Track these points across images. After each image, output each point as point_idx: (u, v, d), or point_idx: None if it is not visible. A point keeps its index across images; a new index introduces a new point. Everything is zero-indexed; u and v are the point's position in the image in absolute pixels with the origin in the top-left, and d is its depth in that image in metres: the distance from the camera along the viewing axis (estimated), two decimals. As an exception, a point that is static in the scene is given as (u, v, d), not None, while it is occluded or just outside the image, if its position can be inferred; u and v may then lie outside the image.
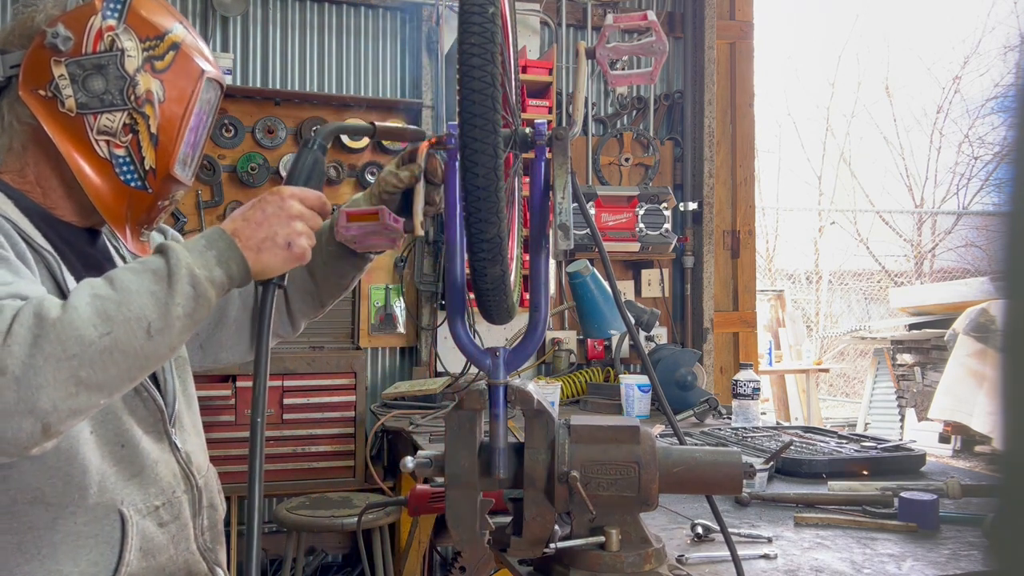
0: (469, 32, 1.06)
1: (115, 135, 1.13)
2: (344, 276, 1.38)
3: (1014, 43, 1.13)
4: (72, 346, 0.87)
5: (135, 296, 0.92)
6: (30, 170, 1.13)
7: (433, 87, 3.79)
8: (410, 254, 3.76)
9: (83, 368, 0.87)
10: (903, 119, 16.66)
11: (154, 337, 0.93)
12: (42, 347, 0.85)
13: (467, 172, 1.07)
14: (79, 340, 0.87)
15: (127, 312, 0.91)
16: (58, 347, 0.86)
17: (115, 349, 0.89)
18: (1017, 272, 0.36)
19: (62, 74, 1.10)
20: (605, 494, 1.14)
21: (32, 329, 0.86)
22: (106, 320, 0.89)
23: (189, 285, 0.96)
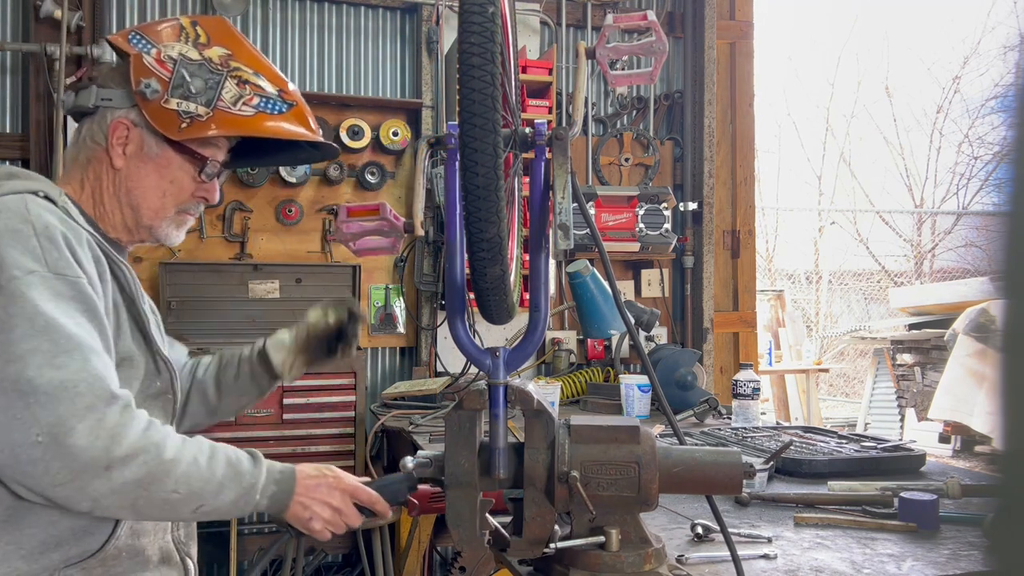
0: (469, 32, 1.06)
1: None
2: (244, 395, 1.54)
3: (1014, 43, 1.13)
4: (154, 486, 1.07)
5: (213, 481, 1.13)
6: (88, 183, 1.29)
7: (433, 87, 3.79)
8: (410, 254, 3.76)
9: (144, 502, 1.08)
10: (903, 119, 16.66)
11: (194, 514, 1.14)
12: (140, 472, 1.06)
13: (467, 172, 1.07)
14: (160, 485, 1.08)
15: (198, 488, 1.11)
16: (147, 479, 1.06)
17: (168, 504, 1.10)
18: (1017, 272, 0.36)
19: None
20: (605, 494, 1.14)
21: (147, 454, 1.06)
22: (186, 485, 1.10)
23: (244, 500, 1.17)
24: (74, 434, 1.01)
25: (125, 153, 1.28)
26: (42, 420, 1.00)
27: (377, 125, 3.70)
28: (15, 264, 1.06)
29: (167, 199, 1.32)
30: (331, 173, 3.64)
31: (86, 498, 1.04)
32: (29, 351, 1.02)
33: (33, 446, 1.00)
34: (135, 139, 1.28)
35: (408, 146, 3.73)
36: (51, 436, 1.00)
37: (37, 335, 1.03)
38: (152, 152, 1.29)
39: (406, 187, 3.81)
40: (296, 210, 3.63)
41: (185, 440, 1.14)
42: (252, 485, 1.16)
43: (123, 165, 1.28)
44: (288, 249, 3.65)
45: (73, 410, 1.02)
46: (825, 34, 23.25)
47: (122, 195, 1.30)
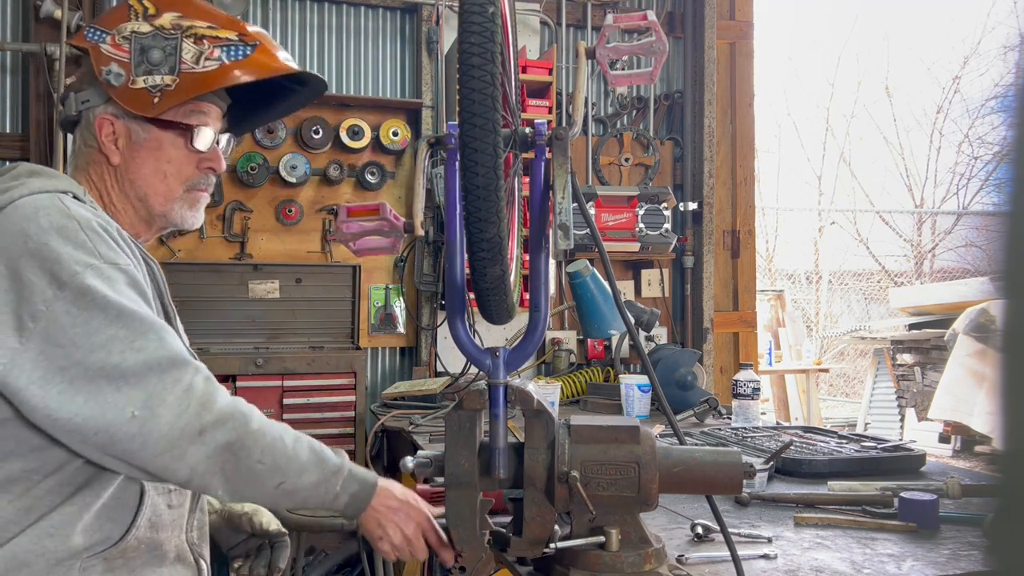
0: (469, 32, 1.06)
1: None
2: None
3: (1014, 43, 1.13)
4: (242, 452, 1.09)
5: (296, 461, 1.15)
6: (94, 187, 1.30)
7: (433, 87, 3.79)
8: (410, 254, 3.76)
9: (232, 469, 1.09)
10: (903, 119, 16.65)
11: (276, 491, 1.14)
12: (230, 437, 1.08)
13: (467, 172, 1.07)
14: (248, 452, 1.10)
15: (282, 464, 1.13)
16: (236, 444, 1.09)
17: (253, 475, 1.11)
18: (1017, 272, 0.36)
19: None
20: (605, 494, 1.14)
21: (235, 420, 1.09)
22: (271, 458, 1.12)
23: (325, 489, 1.18)
24: (167, 404, 1.05)
25: (118, 148, 1.28)
26: (135, 398, 1.04)
27: (377, 125, 3.70)
28: (73, 259, 1.08)
29: (171, 180, 1.31)
30: (331, 173, 3.64)
31: (184, 465, 1.06)
32: (110, 339, 1.06)
33: (129, 422, 1.04)
34: (122, 131, 1.28)
35: (408, 146, 3.73)
36: (147, 409, 1.04)
37: (112, 323, 1.06)
38: (140, 138, 1.29)
39: (406, 187, 3.81)
40: (296, 210, 3.63)
41: (271, 419, 1.17)
42: (335, 473, 1.18)
43: (120, 160, 1.29)
44: (288, 249, 3.65)
45: (162, 384, 1.06)
46: (825, 34, 23.25)
47: (128, 189, 1.30)
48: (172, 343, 1.10)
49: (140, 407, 1.04)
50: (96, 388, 1.04)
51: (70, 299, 1.06)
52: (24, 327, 1.04)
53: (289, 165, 3.59)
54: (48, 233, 1.09)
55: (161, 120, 1.28)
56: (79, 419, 1.05)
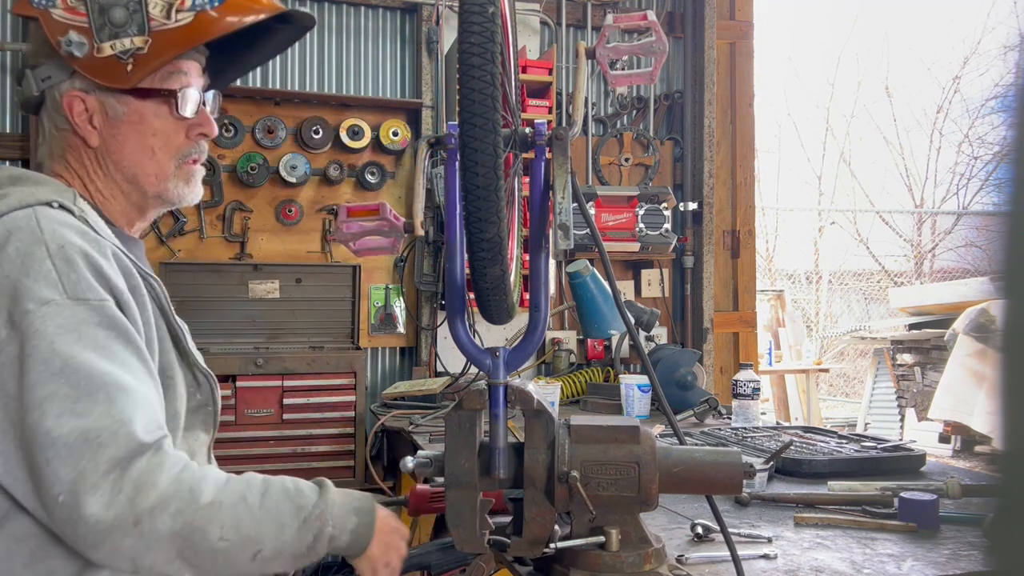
0: (469, 32, 1.06)
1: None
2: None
3: (1014, 43, 1.13)
4: (196, 535, 0.94)
5: (268, 521, 0.99)
6: (75, 175, 1.14)
7: (433, 87, 3.79)
8: (410, 254, 3.76)
9: (191, 553, 0.94)
10: (903, 119, 16.66)
11: (254, 562, 0.98)
12: (176, 523, 0.92)
13: (467, 172, 1.07)
14: (203, 534, 0.94)
15: (252, 532, 0.97)
16: (186, 530, 0.93)
17: (221, 554, 0.96)
18: (1017, 272, 0.36)
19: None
20: (605, 494, 1.14)
21: (179, 502, 0.93)
22: (234, 530, 0.96)
23: (313, 536, 1.02)
24: (95, 492, 0.89)
25: (95, 127, 1.13)
26: (63, 478, 0.89)
27: (377, 125, 3.70)
28: (30, 295, 0.93)
29: (160, 155, 1.16)
30: (331, 173, 3.64)
31: (124, 558, 0.92)
32: (46, 397, 0.90)
33: (58, 507, 0.90)
34: (95, 107, 1.13)
35: (408, 146, 3.73)
36: (71, 495, 0.89)
37: (54, 379, 0.91)
38: (118, 113, 1.13)
39: (406, 187, 3.81)
40: (296, 210, 3.63)
41: (230, 479, 1.00)
42: (319, 516, 1.02)
43: (99, 141, 1.13)
44: (288, 249, 3.65)
45: (94, 465, 0.89)
46: (825, 34, 23.25)
47: (114, 173, 1.15)
48: (123, 409, 0.92)
49: (67, 491, 0.89)
50: (30, 455, 0.90)
51: (17, 342, 0.92)
52: None
53: (289, 165, 3.59)
54: (14, 263, 0.95)
55: (138, 89, 1.12)
56: (17, 492, 0.94)
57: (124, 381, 0.94)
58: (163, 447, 0.95)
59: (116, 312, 0.99)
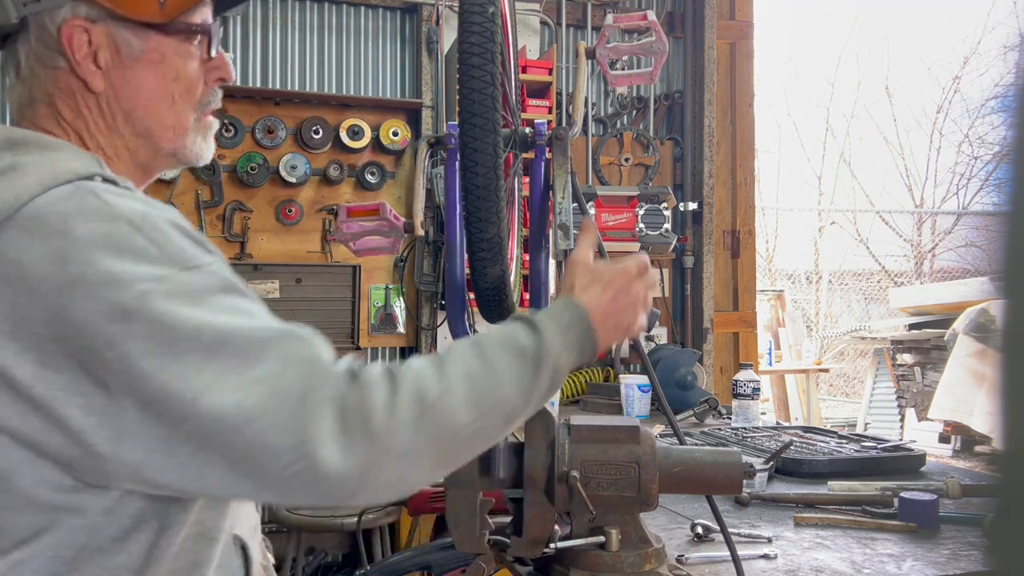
0: (469, 32, 1.06)
1: None
2: None
3: (1014, 43, 1.13)
4: (446, 432, 0.82)
5: (504, 381, 0.87)
6: (68, 127, 0.92)
7: (433, 87, 3.79)
8: (410, 254, 3.76)
9: (447, 453, 0.84)
10: (903, 119, 16.66)
11: (509, 423, 0.89)
12: (422, 429, 0.80)
13: (467, 172, 1.07)
14: (453, 427, 0.82)
15: (495, 400, 0.86)
16: (436, 431, 0.81)
17: (477, 438, 0.86)
18: (1017, 272, 0.36)
19: None
20: (605, 494, 1.14)
21: (413, 408, 0.80)
22: (477, 407, 0.84)
23: (550, 375, 0.91)
24: (326, 445, 0.74)
25: (99, 66, 0.90)
26: (283, 447, 0.74)
27: (377, 125, 3.70)
28: (134, 277, 0.75)
29: (180, 103, 0.96)
30: (331, 173, 3.64)
31: (389, 489, 0.80)
32: (216, 375, 0.74)
33: (290, 481, 0.75)
34: (102, 41, 0.90)
35: (408, 146, 3.73)
36: (302, 460, 0.74)
37: (212, 354, 0.75)
38: (135, 50, 0.92)
39: (406, 187, 3.81)
40: (296, 210, 3.63)
41: (439, 359, 0.86)
42: (548, 350, 0.90)
43: (103, 84, 0.91)
44: (288, 249, 3.65)
45: (308, 418, 0.75)
46: (825, 34, 23.26)
47: (121, 126, 0.94)
48: (296, 352, 0.78)
49: (294, 458, 0.74)
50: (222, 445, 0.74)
51: (144, 334, 0.73)
52: (106, 384, 0.73)
53: (289, 165, 3.59)
54: (93, 248, 0.75)
55: (160, 25, 0.92)
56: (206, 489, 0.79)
57: (284, 328, 0.81)
58: (354, 368, 0.81)
59: (227, 270, 0.85)
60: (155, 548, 0.82)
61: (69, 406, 0.73)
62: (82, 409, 0.73)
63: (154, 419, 0.73)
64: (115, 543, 0.80)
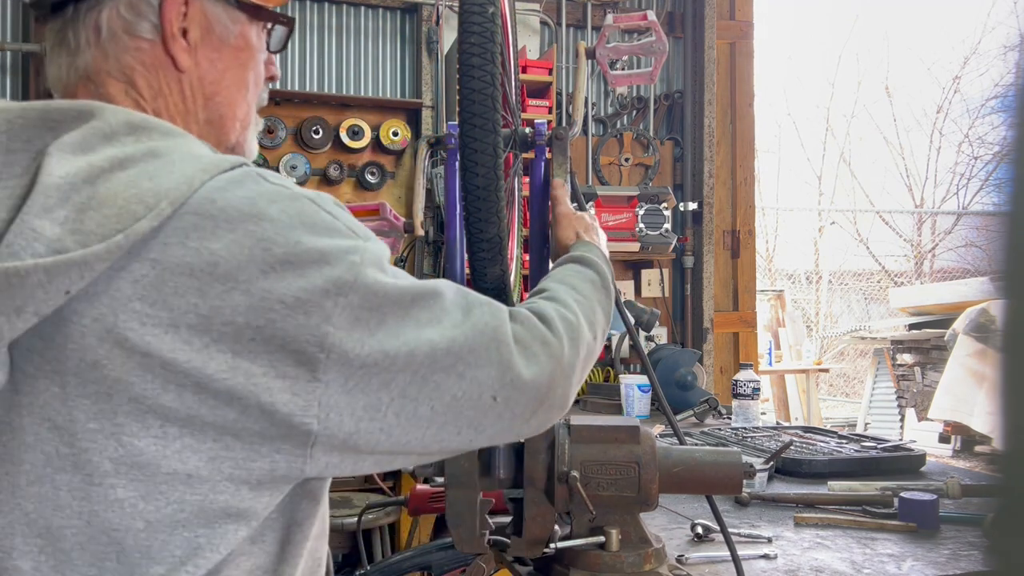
0: (469, 32, 1.06)
1: None
2: None
3: (1014, 43, 1.12)
4: (584, 350, 0.91)
5: (596, 305, 0.99)
6: (148, 105, 0.84)
7: (433, 87, 3.79)
8: (410, 254, 3.76)
9: (584, 369, 0.92)
10: (903, 119, 16.67)
11: (604, 339, 1.00)
12: (575, 347, 0.88)
13: (467, 171, 1.07)
14: (587, 345, 0.92)
15: (597, 320, 0.97)
16: (580, 348, 0.90)
17: (593, 354, 0.95)
18: (1017, 272, 0.36)
19: None
20: (605, 494, 1.14)
21: (566, 331, 0.88)
22: (591, 328, 0.94)
23: (613, 291, 1.07)
24: (522, 367, 0.81)
25: (188, 43, 0.84)
26: (486, 379, 0.78)
27: (377, 125, 3.70)
28: (340, 250, 0.75)
29: (251, 96, 0.93)
30: (331, 173, 3.64)
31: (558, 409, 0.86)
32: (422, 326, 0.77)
33: (493, 408, 0.79)
34: (198, 18, 0.85)
35: (408, 146, 3.73)
36: (507, 386, 0.79)
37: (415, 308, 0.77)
38: (228, 32, 0.87)
39: (406, 187, 3.81)
40: (296, 210, 3.63)
41: (554, 298, 0.95)
42: (607, 275, 1.07)
43: (190, 63, 0.85)
44: (288, 249, 3.65)
45: (505, 347, 0.80)
46: (825, 34, 23.26)
47: (199, 110, 0.88)
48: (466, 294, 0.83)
49: (499, 386, 0.79)
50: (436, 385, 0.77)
51: (359, 304, 0.74)
52: (314, 361, 0.71)
53: (289, 165, 3.59)
54: (293, 228, 0.72)
55: (257, 6, 0.88)
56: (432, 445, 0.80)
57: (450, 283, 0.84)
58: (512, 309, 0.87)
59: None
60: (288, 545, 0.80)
61: (275, 391, 0.70)
62: (288, 392, 0.71)
63: (368, 381, 0.73)
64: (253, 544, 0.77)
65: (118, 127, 0.73)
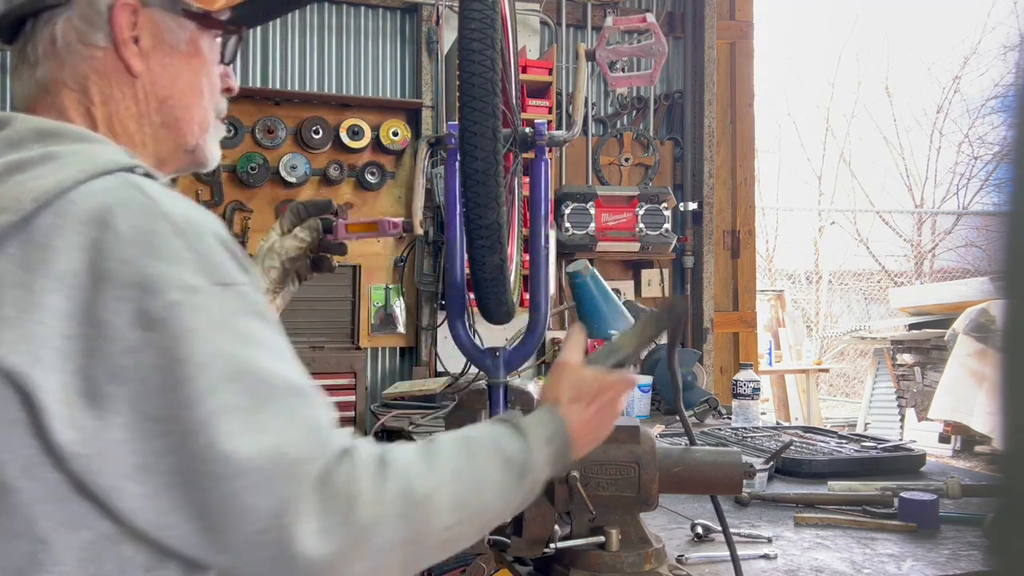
0: (470, 19, 1.06)
1: None
2: None
3: (1014, 43, 1.12)
4: (425, 532, 0.78)
5: (488, 487, 0.84)
6: (98, 110, 0.87)
7: (433, 87, 3.79)
8: (410, 254, 3.76)
9: (418, 555, 0.80)
10: (903, 119, 16.65)
11: (483, 531, 0.87)
12: (403, 525, 0.75)
13: (466, 156, 1.07)
14: (429, 530, 0.78)
15: (478, 506, 0.83)
16: (412, 532, 0.76)
17: (451, 542, 0.82)
18: (1017, 272, 0.36)
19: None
20: (605, 494, 1.14)
21: (399, 502, 0.75)
22: (458, 512, 0.80)
23: (529, 487, 0.89)
24: (306, 521, 0.70)
25: (141, 49, 0.88)
26: (262, 511, 0.69)
27: (377, 125, 3.70)
28: (170, 283, 0.70)
29: (207, 101, 0.95)
30: (331, 173, 3.64)
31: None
32: (217, 413, 0.69)
33: (256, 547, 0.70)
34: (147, 26, 0.88)
35: (408, 146, 3.73)
36: (278, 530, 0.69)
37: (222, 388, 0.70)
38: (177, 39, 0.91)
39: (406, 187, 3.81)
40: (296, 210, 3.63)
41: (430, 455, 0.81)
42: (531, 463, 0.88)
43: (143, 68, 0.88)
44: (288, 249, 3.64)
45: (297, 489, 0.70)
46: (825, 34, 23.26)
47: (153, 113, 0.91)
48: (305, 412, 0.74)
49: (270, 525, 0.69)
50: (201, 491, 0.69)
51: (162, 346, 0.69)
52: (99, 394, 0.69)
53: (289, 165, 3.59)
54: (134, 244, 0.71)
55: (207, 16, 0.92)
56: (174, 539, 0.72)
57: (296, 380, 0.77)
58: (351, 447, 0.76)
59: (259, 295, 0.80)
60: None
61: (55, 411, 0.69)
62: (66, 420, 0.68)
63: (142, 442, 0.69)
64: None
65: (26, 134, 0.78)
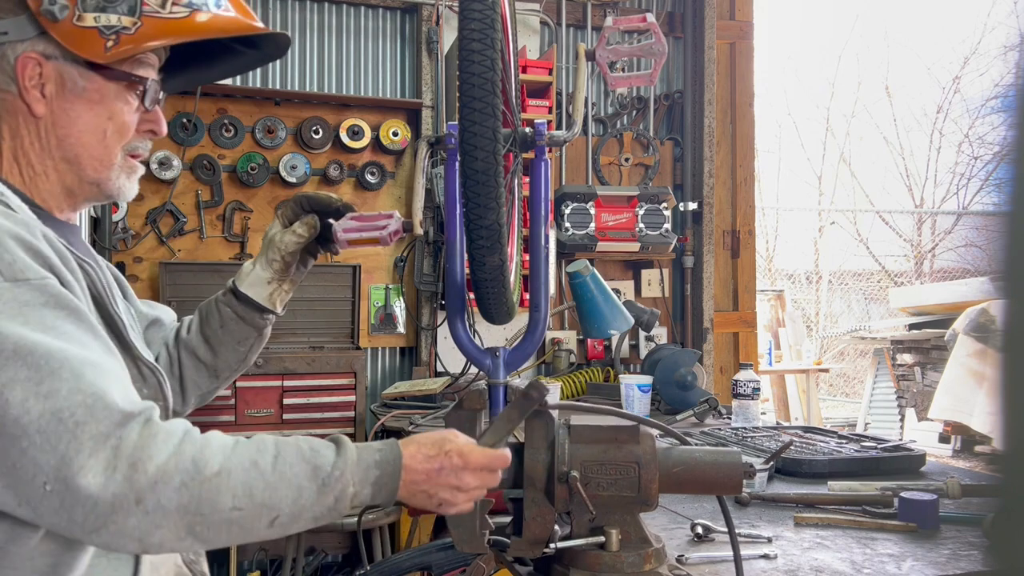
0: (470, 18, 1.06)
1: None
2: (243, 341, 1.34)
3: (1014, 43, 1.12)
4: (205, 507, 0.88)
5: (283, 486, 0.92)
6: (5, 144, 1.05)
7: (433, 87, 3.79)
8: (410, 254, 3.76)
9: (202, 527, 0.89)
10: (903, 119, 16.63)
11: (272, 528, 0.93)
12: (182, 495, 0.86)
13: (466, 156, 1.07)
14: (213, 505, 0.88)
15: (267, 498, 0.91)
16: (194, 503, 0.87)
17: (235, 524, 0.90)
18: (1017, 272, 0.36)
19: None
20: (605, 494, 1.14)
21: (184, 473, 0.87)
22: (247, 498, 0.90)
23: (334, 498, 0.95)
24: (85, 473, 0.83)
25: (44, 95, 1.05)
26: (44, 465, 0.82)
27: (377, 125, 3.70)
28: None
29: (110, 141, 1.09)
30: (331, 173, 3.64)
31: (130, 539, 0.86)
32: (5, 385, 0.83)
33: (46, 496, 0.83)
34: (52, 75, 1.05)
35: (408, 146, 3.73)
36: (59, 481, 0.82)
37: (8, 364, 0.84)
38: (78, 86, 1.06)
39: (406, 187, 3.81)
40: (296, 210, 3.63)
41: (239, 444, 0.93)
42: (339, 478, 0.95)
43: (45, 111, 1.05)
44: (288, 249, 3.64)
45: (76, 445, 0.83)
46: (825, 34, 23.26)
47: (53, 149, 1.07)
48: (93, 382, 0.86)
49: (52, 478, 0.82)
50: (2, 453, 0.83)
51: None
52: None
53: (289, 165, 3.59)
54: None
55: (108, 68, 1.06)
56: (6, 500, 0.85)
57: (85, 355, 0.88)
58: (152, 417, 0.89)
59: (61, 290, 0.92)
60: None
61: None
62: None
63: None
64: None
65: None
